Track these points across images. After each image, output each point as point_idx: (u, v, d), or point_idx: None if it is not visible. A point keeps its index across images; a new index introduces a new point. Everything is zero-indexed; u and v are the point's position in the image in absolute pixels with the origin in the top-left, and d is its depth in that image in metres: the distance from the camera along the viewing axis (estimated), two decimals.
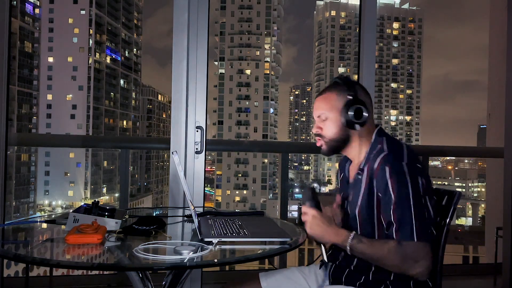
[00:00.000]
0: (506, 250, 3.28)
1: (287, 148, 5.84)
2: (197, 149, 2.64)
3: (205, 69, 2.68)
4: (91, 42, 68.40)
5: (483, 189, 72.49)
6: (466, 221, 68.10)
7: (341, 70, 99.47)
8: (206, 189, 2.82)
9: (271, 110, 79.58)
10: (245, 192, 76.77)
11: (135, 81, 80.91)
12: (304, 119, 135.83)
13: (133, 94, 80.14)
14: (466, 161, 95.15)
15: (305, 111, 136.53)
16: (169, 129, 5.75)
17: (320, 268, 1.68)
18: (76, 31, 67.67)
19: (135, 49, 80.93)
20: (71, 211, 1.62)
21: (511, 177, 3.24)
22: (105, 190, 69.17)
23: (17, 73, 55.98)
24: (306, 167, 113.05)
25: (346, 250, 1.46)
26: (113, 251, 1.49)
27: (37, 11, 63.08)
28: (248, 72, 79.94)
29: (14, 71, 53.00)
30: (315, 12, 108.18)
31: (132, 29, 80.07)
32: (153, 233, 1.56)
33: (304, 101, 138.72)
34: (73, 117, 67.09)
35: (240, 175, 76.50)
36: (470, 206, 71.37)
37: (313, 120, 1.67)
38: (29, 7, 60.38)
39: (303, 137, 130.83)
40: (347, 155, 1.63)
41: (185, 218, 1.98)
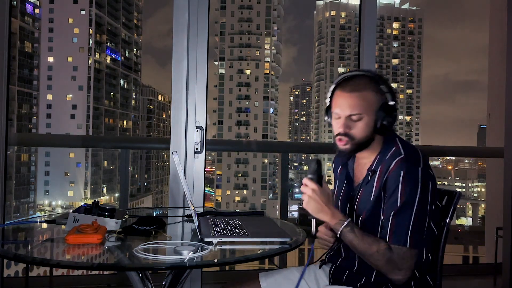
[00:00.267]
0: (506, 250, 3.28)
1: (287, 148, 5.83)
2: (197, 149, 2.64)
3: (205, 69, 2.68)
4: (91, 42, 68.40)
5: (483, 189, 72.51)
6: (466, 221, 68.10)
7: (341, 70, 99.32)
8: (206, 189, 2.82)
9: (271, 110, 79.60)
10: (245, 192, 76.77)
11: (135, 81, 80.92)
12: (304, 119, 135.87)
13: (133, 94, 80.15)
14: (466, 161, 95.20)
15: (305, 111, 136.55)
16: (169, 129, 5.75)
17: (320, 268, 1.68)
18: (76, 31, 67.69)
19: (135, 49, 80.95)
20: (71, 211, 1.62)
21: (511, 177, 3.25)
22: (105, 190, 69.18)
23: (17, 73, 55.99)
24: (306, 167, 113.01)
25: (336, 232, 1.45)
26: (113, 251, 1.49)
27: (37, 11, 63.09)
28: (248, 72, 79.95)
29: (14, 71, 53.01)
30: (315, 12, 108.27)
31: (132, 29, 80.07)
32: (153, 233, 1.56)
33: (304, 101, 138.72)
34: (73, 117, 67.12)
35: (240, 175, 76.51)
36: (470, 206, 71.37)
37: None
38: (29, 7, 60.38)
39: (303, 137, 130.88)
40: (357, 154, 1.57)
41: (185, 218, 1.98)
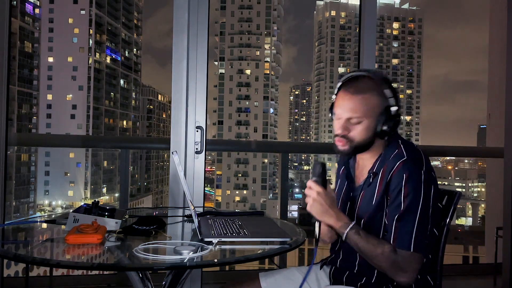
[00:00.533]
0: (506, 250, 3.28)
1: (287, 148, 5.83)
2: (197, 149, 2.65)
3: (205, 69, 2.68)
4: (91, 42, 68.39)
5: (483, 189, 72.53)
6: (466, 221, 68.12)
7: (341, 70, 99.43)
8: (206, 189, 2.82)
9: (271, 110, 79.59)
10: (245, 192, 76.77)
11: (135, 81, 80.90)
12: (304, 119, 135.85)
13: (133, 94, 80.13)
14: (466, 161, 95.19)
15: (305, 111, 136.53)
16: (169, 129, 5.75)
17: (321, 269, 1.68)
18: (76, 31, 67.68)
19: (135, 49, 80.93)
20: (71, 211, 1.62)
21: (511, 177, 3.25)
22: (105, 190, 69.17)
23: (17, 73, 55.99)
24: (306, 167, 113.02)
25: (341, 236, 1.45)
26: (113, 251, 1.49)
27: (37, 11, 63.09)
28: (248, 72, 79.95)
29: (14, 71, 53.01)
30: (315, 12, 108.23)
31: (132, 29, 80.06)
32: (153, 233, 1.56)
33: (304, 101, 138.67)
34: (73, 117, 67.11)
35: (240, 175, 76.51)
36: (470, 206, 71.39)
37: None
38: (29, 7, 60.38)
39: (303, 137, 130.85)
40: (358, 155, 1.57)
41: (185, 218, 1.98)
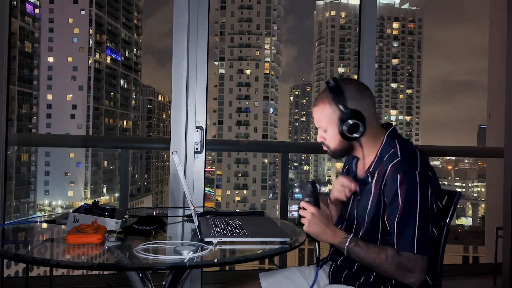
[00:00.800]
0: (506, 250, 3.28)
1: (287, 148, 5.84)
2: (197, 149, 2.64)
3: (205, 69, 2.68)
4: (91, 42, 68.39)
5: (483, 189, 72.49)
6: (466, 221, 68.10)
7: (341, 70, 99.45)
8: (206, 189, 2.82)
9: (271, 110, 79.60)
10: (245, 192, 76.77)
11: (135, 81, 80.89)
12: (304, 119, 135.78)
13: (133, 94, 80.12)
14: (466, 161, 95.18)
15: (305, 111, 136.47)
16: (169, 129, 5.75)
17: (320, 268, 1.67)
18: (76, 31, 67.68)
19: (135, 49, 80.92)
20: (71, 211, 1.62)
21: (511, 177, 3.24)
22: (105, 190, 69.16)
23: (17, 73, 55.98)
24: (306, 167, 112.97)
25: (343, 252, 1.47)
26: (113, 251, 1.49)
27: (37, 11, 63.09)
28: (248, 72, 79.96)
29: (14, 71, 53.01)
30: (315, 12, 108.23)
31: (132, 29, 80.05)
32: (153, 233, 1.56)
33: (304, 101, 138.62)
34: (73, 117, 67.10)
35: (240, 175, 76.52)
36: (470, 206, 71.39)
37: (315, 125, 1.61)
38: (29, 7, 60.38)
39: (303, 137, 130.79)
40: (358, 154, 1.58)
41: (185, 218, 1.98)
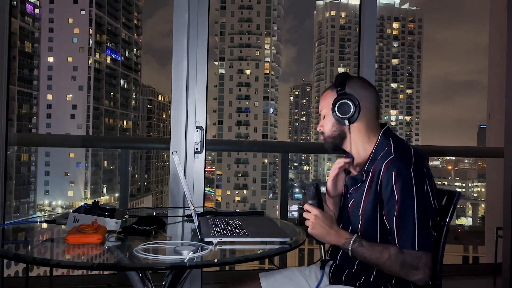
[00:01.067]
0: (506, 250, 3.28)
1: (287, 148, 5.84)
2: (197, 149, 2.64)
3: (205, 69, 2.68)
4: (91, 42, 68.39)
5: (483, 189, 72.51)
6: (466, 221, 68.10)
7: (341, 70, 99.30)
8: (206, 189, 2.82)
9: (271, 110, 79.60)
10: (245, 192, 76.76)
11: (135, 81, 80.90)
12: (304, 119, 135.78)
13: (133, 94, 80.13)
14: (466, 161, 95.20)
15: (305, 111, 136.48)
16: (169, 129, 5.75)
17: (321, 269, 1.67)
18: (76, 31, 67.68)
19: (135, 49, 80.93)
20: (71, 211, 1.61)
21: (511, 177, 3.24)
22: (105, 190, 69.16)
23: (17, 73, 55.98)
24: (306, 167, 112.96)
25: (347, 252, 1.47)
26: (113, 251, 1.48)
27: (37, 11, 63.07)
28: (248, 72, 79.95)
29: (14, 71, 52.98)
30: (315, 12, 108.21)
31: (132, 29, 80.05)
32: (153, 233, 1.56)
33: (304, 101, 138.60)
34: (73, 117, 67.11)
35: (240, 175, 76.51)
36: (470, 206, 71.39)
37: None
38: (29, 7, 60.37)
39: (303, 137, 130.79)
40: (348, 151, 1.61)
41: (185, 218, 1.97)
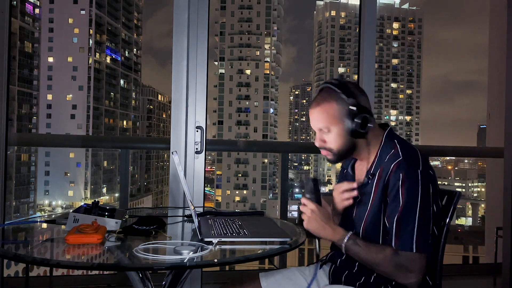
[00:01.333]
0: (506, 250, 3.28)
1: (287, 148, 5.83)
2: (197, 149, 2.64)
3: (205, 69, 2.68)
4: (91, 42, 68.40)
5: (483, 189, 72.51)
6: (466, 221, 68.14)
7: (341, 70, 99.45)
8: (206, 189, 2.82)
9: (271, 110, 79.60)
10: (245, 192, 76.77)
11: (135, 81, 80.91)
12: (304, 119, 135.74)
13: (133, 94, 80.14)
14: (466, 161, 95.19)
15: (305, 111, 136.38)
16: (169, 129, 5.75)
17: (320, 268, 1.67)
18: (76, 31, 67.69)
19: (135, 49, 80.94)
20: (71, 211, 1.62)
21: (511, 177, 3.24)
22: (105, 190, 69.17)
23: (17, 73, 55.99)
24: (306, 167, 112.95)
25: (341, 249, 1.47)
26: (113, 251, 1.48)
27: (37, 11, 63.09)
28: (248, 72, 79.96)
29: (14, 71, 52.99)
30: (315, 12, 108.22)
31: (132, 29, 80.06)
32: (153, 233, 1.56)
33: (304, 101, 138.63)
34: (73, 117, 67.13)
35: (240, 175, 76.52)
36: (470, 206, 71.43)
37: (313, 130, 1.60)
38: (29, 7, 60.38)
39: (303, 137, 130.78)
40: (356, 156, 1.58)
41: (185, 218, 1.98)
